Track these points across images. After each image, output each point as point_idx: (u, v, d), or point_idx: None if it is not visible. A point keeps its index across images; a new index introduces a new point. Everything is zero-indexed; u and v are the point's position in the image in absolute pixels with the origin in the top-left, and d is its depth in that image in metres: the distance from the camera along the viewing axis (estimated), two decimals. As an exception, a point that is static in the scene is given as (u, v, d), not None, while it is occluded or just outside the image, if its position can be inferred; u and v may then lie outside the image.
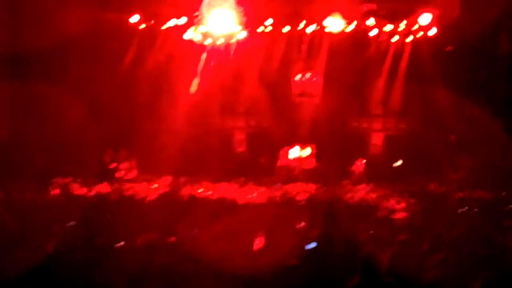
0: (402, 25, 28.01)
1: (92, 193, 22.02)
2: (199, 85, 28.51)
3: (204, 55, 28.60)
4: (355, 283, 8.26)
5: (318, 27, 28.40)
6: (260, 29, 28.55)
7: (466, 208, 18.29)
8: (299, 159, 28.29)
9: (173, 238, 11.06)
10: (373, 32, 28.25)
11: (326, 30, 28.25)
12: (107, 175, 26.10)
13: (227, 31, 28.16)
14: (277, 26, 28.58)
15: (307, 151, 28.41)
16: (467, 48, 26.23)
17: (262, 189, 24.24)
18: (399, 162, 27.86)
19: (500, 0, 25.99)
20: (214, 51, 28.68)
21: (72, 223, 13.80)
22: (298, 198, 21.68)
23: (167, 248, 10.56)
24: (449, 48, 27.60)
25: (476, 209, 18.06)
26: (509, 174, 23.49)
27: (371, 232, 12.41)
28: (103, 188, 23.55)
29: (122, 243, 10.65)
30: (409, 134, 28.48)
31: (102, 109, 27.60)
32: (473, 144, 25.48)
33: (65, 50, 26.61)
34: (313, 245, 10.61)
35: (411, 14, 27.70)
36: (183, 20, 28.04)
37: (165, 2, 27.84)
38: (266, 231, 12.21)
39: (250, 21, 28.20)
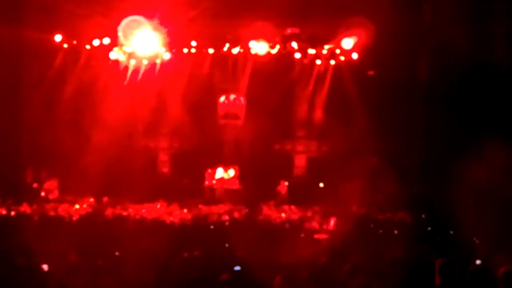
0: (325, 50, 28.41)
1: (13, 213, 21.57)
2: (123, 105, 28.31)
3: (128, 76, 28.47)
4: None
5: (242, 49, 28.61)
6: (185, 50, 28.60)
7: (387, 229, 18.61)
8: (222, 181, 28.35)
9: (99, 261, 10.97)
10: (297, 56, 28.57)
11: (250, 52, 28.45)
12: (28, 195, 25.66)
13: (151, 52, 28.10)
14: (201, 47, 28.69)
15: (231, 172, 28.49)
16: (387, 72, 26.72)
17: (185, 209, 24.20)
18: (321, 184, 28.19)
19: (419, 26, 26.73)
20: (138, 71, 28.57)
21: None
22: (222, 219, 21.71)
23: (90, 269, 10.48)
24: (371, 72, 28.10)
25: (396, 231, 18.38)
26: (427, 197, 24.03)
27: (295, 253, 12.51)
28: (24, 208, 23.14)
29: (44, 264, 10.50)
30: (331, 156, 28.79)
31: (24, 128, 27.19)
32: (393, 167, 25.94)
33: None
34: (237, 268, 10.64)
35: (332, 38, 28.14)
36: (106, 40, 27.89)
37: (88, 22, 27.58)
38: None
39: (175, 43, 28.22)
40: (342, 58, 28.42)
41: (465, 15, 25.00)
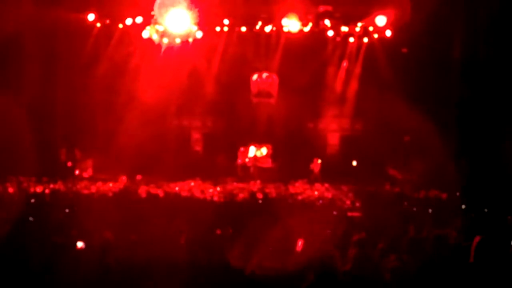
0: (358, 27, 28.23)
1: (48, 191, 21.80)
2: (156, 84, 28.40)
3: (161, 54, 28.55)
4: (310, 282, 8.27)
5: (275, 27, 28.51)
6: (217, 29, 28.58)
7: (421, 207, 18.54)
8: (255, 159, 28.40)
9: (133, 236, 11.06)
10: (329, 33, 28.41)
11: (283, 30, 28.35)
12: (63, 173, 25.94)
13: (183, 30, 28.11)
14: (234, 26, 28.64)
15: (264, 150, 28.52)
16: (421, 50, 26.51)
17: (218, 187, 24.29)
18: (354, 163, 28.14)
19: (453, 2, 26.43)
20: (171, 50, 28.62)
21: (30, 219, 13.74)
22: (255, 196, 21.74)
23: (126, 246, 10.56)
24: (404, 50, 27.88)
25: (430, 210, 18.30)
26: (461, 175, 23.86)
27: (328, 231, 12.52)
28: (59, 186, 23.41)
29: (79, 241, 10.61)
30: (365, 135, 28.69)
31: (58, 108, 27.42)
32: (427, 145, 25.78)
33: (19, 48, 26.33)
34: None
35: (365, 16, 27.94)
36: (139, 19, 27.94)
37: (121, 1, 27.68)
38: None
39: (207, 21, 28.20)
40: (375, 35, 28.23)
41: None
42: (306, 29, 28.29)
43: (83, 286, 9.03)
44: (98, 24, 28.40)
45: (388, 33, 27.62)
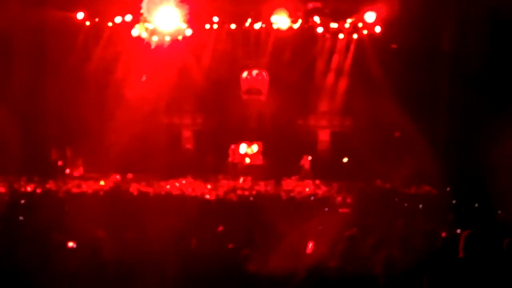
0: (347, 24, 28.27)
1: (39, 190, 21.77)
2: (146, 82, 28.43)
3: (150, 52, 28.54)
4: (301, 277, 8.31)
5: (264, 25, 28.53)
6: (207, 26, 28.59)
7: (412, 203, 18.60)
8: (246, 156, 28.45)
9: (126, 234, 11.08)
10: (319, 30, 28.45)
11: (272, 27, 28.36)
12: (53, 172, 25.92)
13: (173, 28, 28.11)
14: (223, 23, 28.65)
15: (255, 147, 28.57)
16: (410, 46, 26.57)
17: (209, 185, 24.32)
18: (345, 159, 28.21)
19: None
20: (160, 48, 28.61)
21: (21, 218, 13.72)
22: (246, 194, 21.77)
23: (119, 244, 10.58)
24: (393, 46, 27.93)
25: (421, 205, 18.36)
26: (451, 170, 23.94)
27: (320, 227, 12.55)
28: (49, 185, 23.37)
29: (70, 241, 10.60)
30: (355, 131, 28.76)
31: (48, 106, 27.39)
32: (417, 141, 25.87)
33: (8, 47, 26.31)
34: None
35: (355, 12, 27.99)
36: (128, 17, 27.94)
37: (110, 0, 27.69)
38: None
39: (197, 19, 28.20)
40: (364, 32, 28.27)
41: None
42: (296, 26, 28.32)
43: (76, 285, 9.05)
44: (88, 23, 28.37)
45: (378, 29, 27.67)
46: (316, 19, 28.23)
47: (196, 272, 9.32)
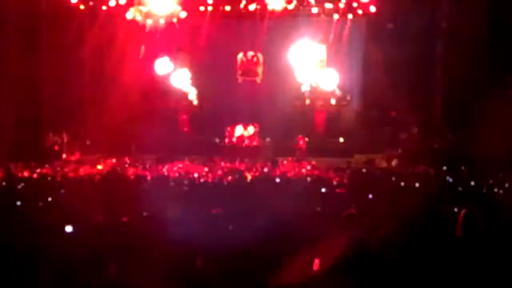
0: (342, 3, 28.17)
1: (36, 175, 21.73)
2: (141, 65, 28.39)
3: (145, 35, 28.52)
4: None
5: (259, 6, 28.42)
6: (201, 8, 28.51)
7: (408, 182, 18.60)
8: (242, 138, 28.45)
9: (124, 219, 11.06)
10: (314, 10, 28.35)
11: (267, 8, 28.26)
12: (50, 157, 25.90)
13: (167, 11, 28.03)
14: (218, 5, 28.57)
15: (251, 129, 28.55)
16: (406, 24, 26.48)
17: (206, 167, 24.30)
18: (341, 139, 28.20)
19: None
20: (155, 31, 28.55)
21: (18, 203, 13.68)
22: (243, 175, 21.75)
23: (115, 230, 10.56)
24: (389, 25, 27.85)
25: (417, 184, 18.37)
26: (448, 149, 23.99)
27: (318, 208, 12.56)
28: (46, 170, 23.35)
29: (68, 226, 10.58)
30: (351, 111, 28.73)
31: (43, 91, 27.32)
32: (413, 121, 25.91)
33: (2, 31, 26.19)
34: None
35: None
36: (123, 0, 27.86)
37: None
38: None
39: (191, 1, 28.14)
40: (360, 11, 28.16)
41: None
42: (290, 6, 28.24)
43: (74, 270, 9.05)
44: (82, 6, 28.27)
45: (373, 8, 27.58)
46: (311, -1, 28.19)
47: (194, 253, 9.31)
